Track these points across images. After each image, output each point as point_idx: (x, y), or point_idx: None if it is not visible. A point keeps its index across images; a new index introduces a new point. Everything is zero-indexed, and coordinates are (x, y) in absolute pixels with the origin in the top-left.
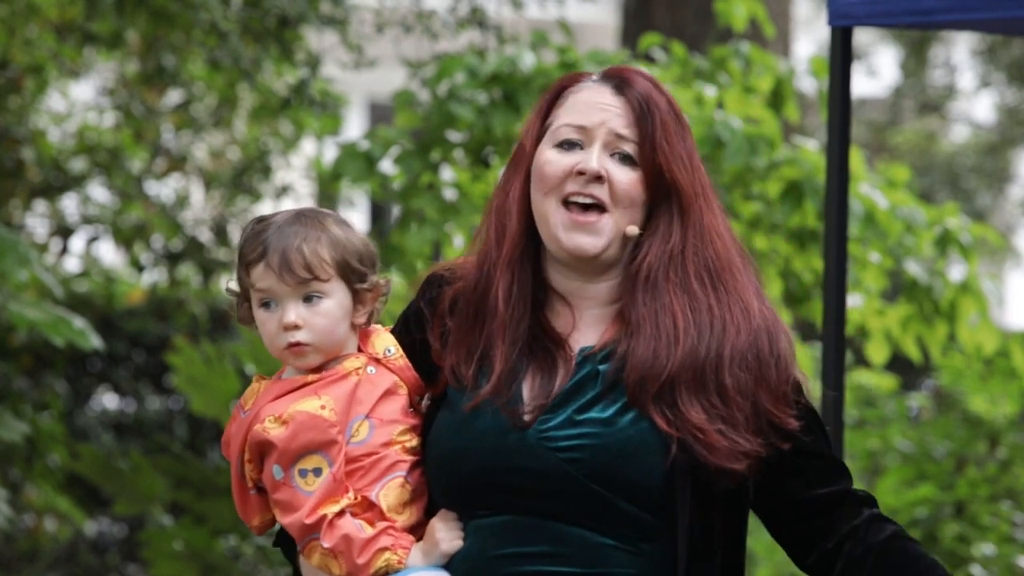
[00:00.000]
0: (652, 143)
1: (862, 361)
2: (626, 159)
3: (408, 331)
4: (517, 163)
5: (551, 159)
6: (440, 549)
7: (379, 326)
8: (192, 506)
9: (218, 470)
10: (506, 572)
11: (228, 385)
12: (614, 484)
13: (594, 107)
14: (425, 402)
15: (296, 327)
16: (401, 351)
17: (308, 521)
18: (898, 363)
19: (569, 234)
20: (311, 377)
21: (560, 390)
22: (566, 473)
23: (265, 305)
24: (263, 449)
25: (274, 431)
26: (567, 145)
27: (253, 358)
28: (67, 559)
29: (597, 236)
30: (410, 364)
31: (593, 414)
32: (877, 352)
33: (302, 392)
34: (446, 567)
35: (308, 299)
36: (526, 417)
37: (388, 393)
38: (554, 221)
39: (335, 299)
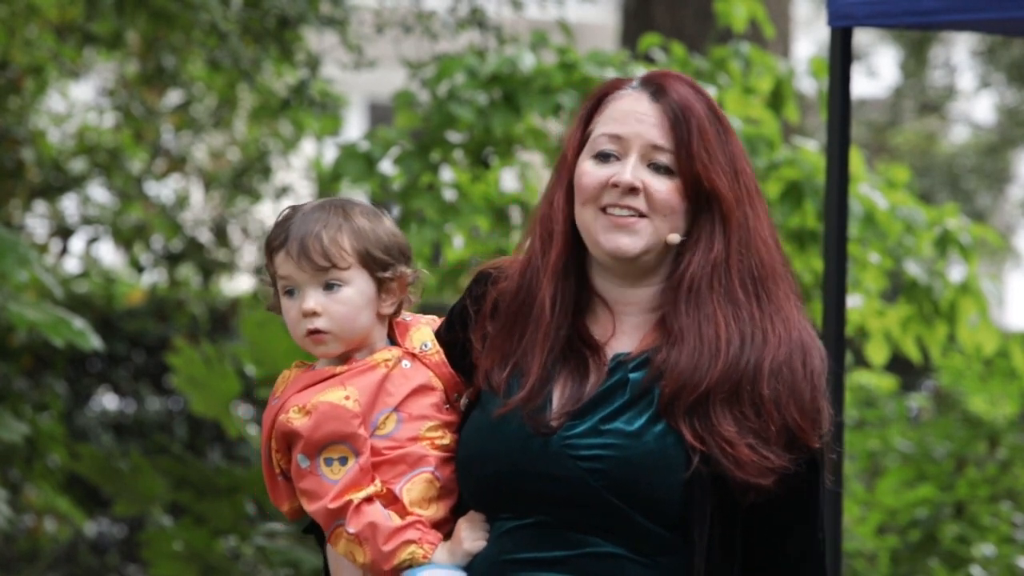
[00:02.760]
0: (688, 152)
1: (862, 361)
2: (662, 169)
3: (452, 329)
4: (560, 172)
5: (588, 171)
6: (463, 548)
7: (422, 318)
8: (192, 506)
9: (218, 470)
10: None
11: (228, 385)
12: (633, 498)
13: (630, 116)
14: (464, 400)
15: (315, 314)
16: (438, 347)
17: (332, 506)
18: (898, 363)
19: (608, 235)
20: (339, 368)
21: (589, 397)
22: (585, 483)
23: (289, 293)
24: (289, 439)
25: (298, 421)
26: (603, 157)
27: (253, 358)
28: (67, 559)
29: (636, 237)
30: (447, 361)
31: (619, 424)
32: (877, 352)
33: (329, 383)
34: (466, 568)
35: (328, 287)
36: (552, 423)
37: (420, 388)
38: (594, 227)
39: (355, 287)
